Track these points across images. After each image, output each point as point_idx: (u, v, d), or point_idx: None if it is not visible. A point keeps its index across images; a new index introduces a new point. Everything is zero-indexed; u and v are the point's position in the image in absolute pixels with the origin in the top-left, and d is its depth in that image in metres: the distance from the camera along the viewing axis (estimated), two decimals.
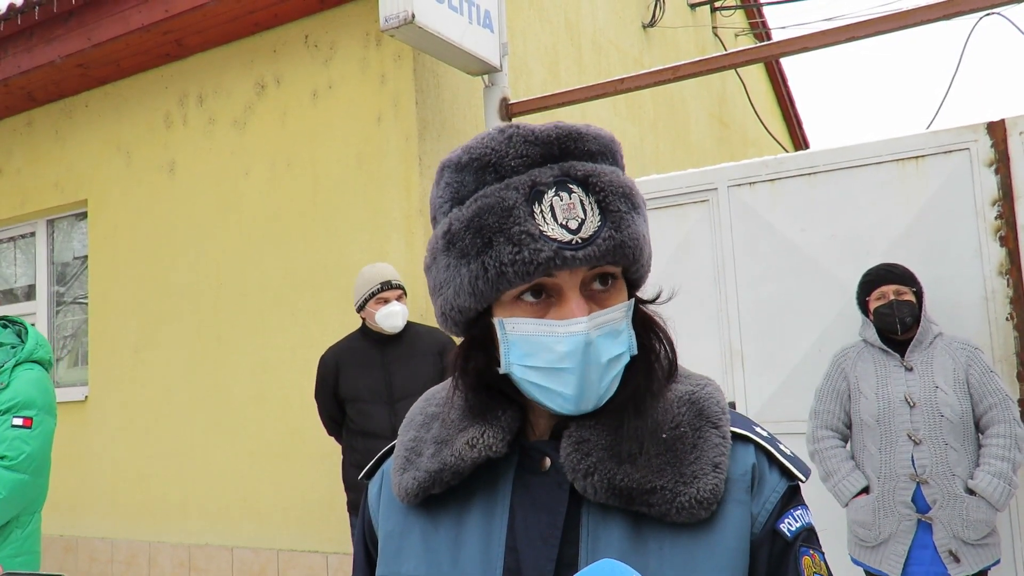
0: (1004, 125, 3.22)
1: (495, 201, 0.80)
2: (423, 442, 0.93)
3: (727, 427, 0.86)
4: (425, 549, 0.89)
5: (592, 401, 0.82)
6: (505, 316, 0.83)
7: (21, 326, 2.88)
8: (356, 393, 3.52)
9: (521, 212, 0.79)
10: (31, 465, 2.66)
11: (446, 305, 0.86)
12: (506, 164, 0.81)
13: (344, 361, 3.58)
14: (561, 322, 0.80)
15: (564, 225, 0.78)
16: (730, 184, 3.71)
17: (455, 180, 0.84)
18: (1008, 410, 2.76)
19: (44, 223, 6.00)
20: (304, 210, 4.62)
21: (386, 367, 3.47)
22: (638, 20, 7.01)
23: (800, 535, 0.85)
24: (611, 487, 0.81)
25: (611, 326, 0.82)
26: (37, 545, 2.79)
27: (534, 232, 0.78)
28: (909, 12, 3.61)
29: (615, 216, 0.80)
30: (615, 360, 0.82)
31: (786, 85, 10.19)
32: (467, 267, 0.81)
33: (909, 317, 2.87)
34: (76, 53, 5.06)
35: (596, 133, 0.85)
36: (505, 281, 0.79)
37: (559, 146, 0.82)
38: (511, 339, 0.83)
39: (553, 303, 0.82)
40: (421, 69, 4.38)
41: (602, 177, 0.81)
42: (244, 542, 4.71)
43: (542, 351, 0.81)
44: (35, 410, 2.70)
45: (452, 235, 0.82)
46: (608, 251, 0.79)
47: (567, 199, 0.79)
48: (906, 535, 2.77)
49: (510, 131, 0.83)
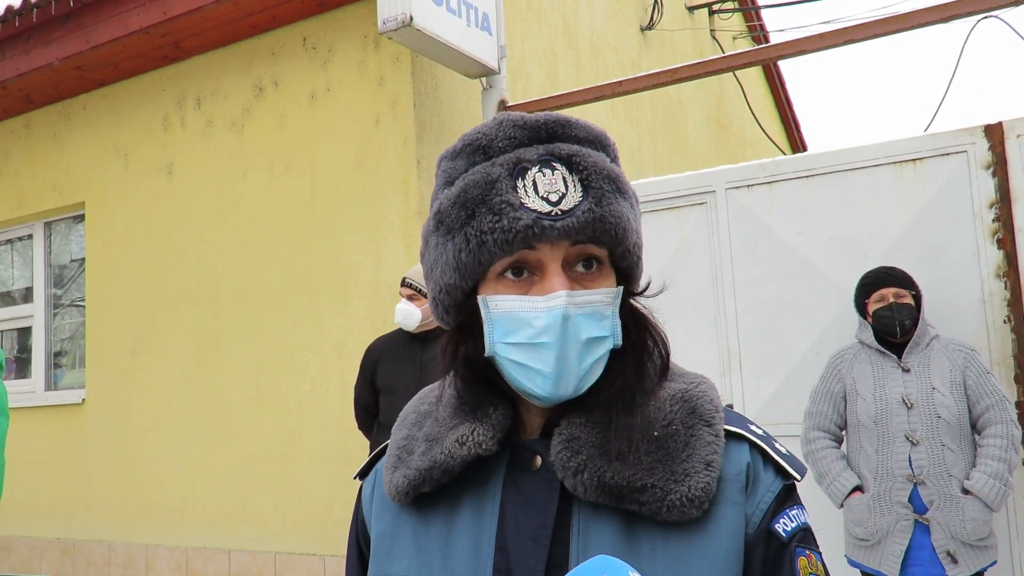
0: (1002, 128, 3.22)
1: (480, 177, 0.82)
2: (415, 440, 0.92)
3: (720, 425, 0.85)
4: (416, 549, 0.88)
5: (571, 383, 0.81)
6: (489, 295, 0.84)
7: None
8: (390, 385, 3.51)
9: (504, 185, 0.81)
10: None
11: (436, 288, 0.88)
12: (495, 146, 0.84)
13: (387, 352, 3.58)
14: (541, 297, 0.81)
15: (545, 198, 0.80)
16: (728, 186, 3.71)
17: (448, 166, 0.87)
18: (1005, 411, 2.77)
19: (42, 225, 5.99)
20: (302, 212, 4.62)
21: (424, 364, 3.44)
22: (636, 23, 7.02)
23: (796, 535, 0.83)
24: (601, 485, 0.80)
25: (593, 307, 0.82)
26: None
27: (514, 202, 0.80)
28: (907, 15, 3.62)
29: (597, 192, 0.81)
30: (596, 341, 0.82)
31: (784, 88, 10.20)
32: (452, 242, 0.83)
33: (908, 320, 2.88)
34: (74, 55, 5.06)
35: (586, 124, 0.86)
36: (486, 251, 0.80)
37: (547, 130, 0.84)
38: (494, 317, 0.83)
39: (536, 280, 0.82)
40: (419, 71, 4.38)
41: (587, 158, 0.82)
42: (242, 545, 4.70)
43: (522, 326, 0.81)
44: None
45: (441, 214, 0.84)
46: (587, 223, 0.79)
47: (550, 175, 0.81)
48: (903, 535, 2.77)
49: (501, 117, 0.86)
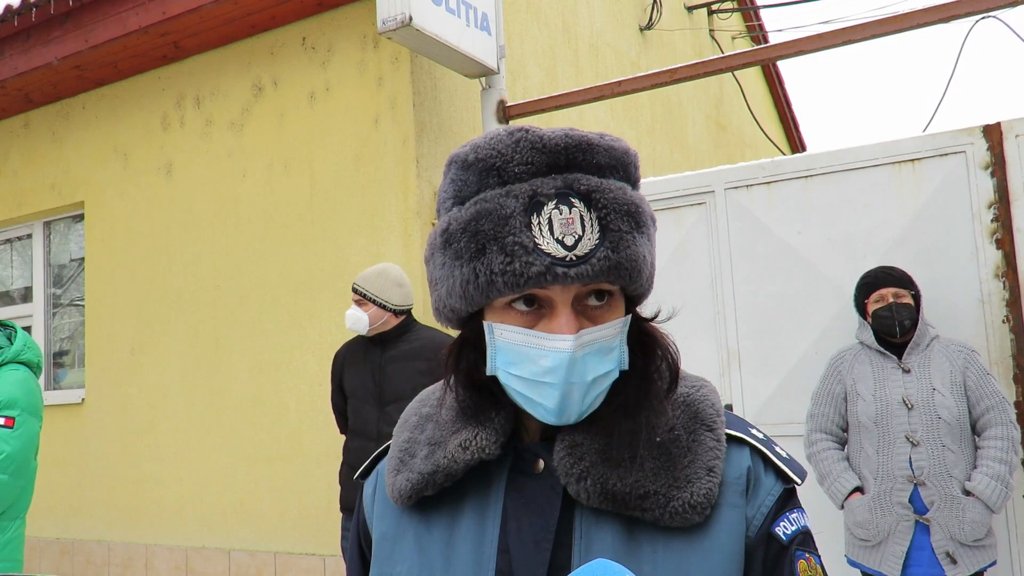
0: (1000, 128, 3.23)
1: (493, 207, 0.78)
2: (417, 443, 0.93)
3: (722, 430, 0.86)
4: (418, 551, 0.89)
5: (574, 416, 0.82)
6: (495, 321, 0.82)
7: (12, 329, 2.86)
8: (353, 389, 3.52)
9: (518, 222, 0.77)
10: (10, 466, 2.62)
11: (439, 302, 0.87)
12: (510, 169, 0.79)
13: (348, 358, 3.58)
14: (548, 336, 0.79)
15: (560, 240, 0.76)
16: (727, 187, 3.71)
17: (459, 178, 0.83)
18: (1005, 412, 2.77)
19: (41, 225, 5.99)
20: (301, 212, 4.62)
21: (381, 368, 3.45)
22: (635, 23, 7.02)
23: (796, 538, 0.84)
24: (604, 492, 0.81)
25: (601, 343, 0.81)
26: (19, 553, 2.74)
27: (528, 244, 0.76)
28: (905, 15, 3.62)
29: (615, 235, 0.78)
30: (601, 378, 0.81)
31: (783, 88, 10.21)
32: (460, 270, 0.81)
33: (908, 320, 2.88)
34: (73, 55, 5.05)
35: (609, 145, 0.82)
36: (495, 290, 0.79)
37: (566, 156, 0.79)
38: (498, 344, 0.82)
39: (544, 314, 0.81)
40: (418, 71, 4.38)
41: (606, 193, 0.78)
42: (241, 545, 4.70)
43: (526, 362, 0.80)
44: (17, 410, 2.66)
45: (449, 235, 0.82)
46: (602, 271, 0.77)
47: (567, 213, 0.77)
48: (904, 536, 2.77)
49: (519, 135, 0.81)
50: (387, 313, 3.44)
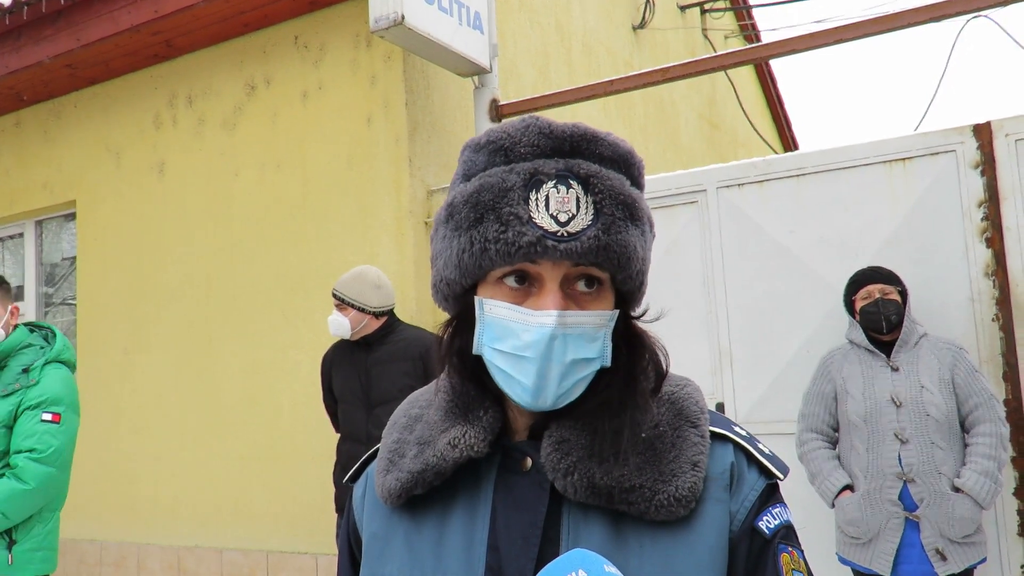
0: (990, 127, 3.24)
1: (496, 181, 0.82)
2: (406, 443, 0.93)
3: (706, 426, 0.87)
4: (408, 550, 0.89)
5: (549, 399, 0.83)
6: (487, 296, 0.85)
7: (49, 330, 2.97)
8: (340, 394, 3.54)
9: (516, 195, 0.80)
10: (58, 459, 2.73)
11: (437, 276, 0.89)
12: (516, 150, 0.83)
13: (336, 361, 3.60)
14: (533, 311, 0.81)
15: (554, 216, 0.79)
16: (719, 185, 3.72)
17: (470, 159, 0.87)
18: (993, 409, 2.79)
19: (32, 224, 5.97)
20: (294, 211, 4.62)
21: (368, 370, 3.46)
22: (628, 22, 7.03)
23: (778, 532, 0.85)
24: (591, 486, 0.82)
25: (584, 329, 0.82)
26: (55, 542, 2.88)
27: (523, 216, 0.80)
28: (897, 15, 3.63)
29: (607, 219, 0.80)
30: (581, 363, 0.83)
31: (775, 87, 10.23)
32: (457, 240, 0.83)
33: (894, 315, 2.90)
34: (65, 53, 5.04)
35: (614, 141, 0.85)
36: (487, 258, 0.81)
37: (571, 143, 0.83)
38: (486, 319, 0.84)
39: (533, 292, 0.83)
40: (411, 70, 4.38)
41: (605, 180, 0.82)
42: (234, 544, 4.70)
43: (510, 336, 0.82)
44: (63, 407, 2.76)
45: (453, 207, 0.85)
46: (591, 250, 0.79)
47: (564, 193, 0.80)
48: (894, 533, 2.78)
49: (530, 121, 0.85)
50: (367, 316, 3.44)
